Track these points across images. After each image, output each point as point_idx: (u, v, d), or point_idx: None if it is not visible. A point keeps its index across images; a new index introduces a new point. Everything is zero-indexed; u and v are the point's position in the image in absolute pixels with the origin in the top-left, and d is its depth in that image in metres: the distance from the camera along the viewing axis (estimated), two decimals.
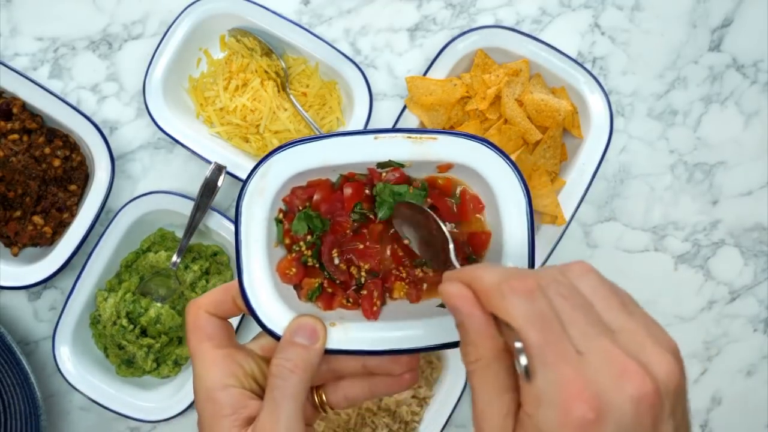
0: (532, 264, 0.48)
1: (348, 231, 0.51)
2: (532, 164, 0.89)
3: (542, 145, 0.89)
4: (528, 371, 0.36)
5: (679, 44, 0.96)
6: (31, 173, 0.88)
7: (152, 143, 0.95)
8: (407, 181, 0.50)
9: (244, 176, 0.89)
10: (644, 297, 0.95)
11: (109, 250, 0.89)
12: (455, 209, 0.51)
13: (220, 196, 0.92)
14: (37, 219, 0.90)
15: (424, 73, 0.90)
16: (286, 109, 0.91)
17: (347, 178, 0.50)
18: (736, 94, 0.96)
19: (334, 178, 0.50)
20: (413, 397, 0.91)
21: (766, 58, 0.96)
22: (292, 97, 0.91)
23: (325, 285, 0.51)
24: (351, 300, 0.51)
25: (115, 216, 0.89)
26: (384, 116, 0.94)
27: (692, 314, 0.97)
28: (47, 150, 0.89)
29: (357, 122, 0.90)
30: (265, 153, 0.90)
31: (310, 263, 0.51)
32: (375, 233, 0.51)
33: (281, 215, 0.50)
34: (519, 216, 0.48)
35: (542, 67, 0.89)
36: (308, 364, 0.46)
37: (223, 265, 0.94)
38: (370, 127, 0.92)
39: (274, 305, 0.48)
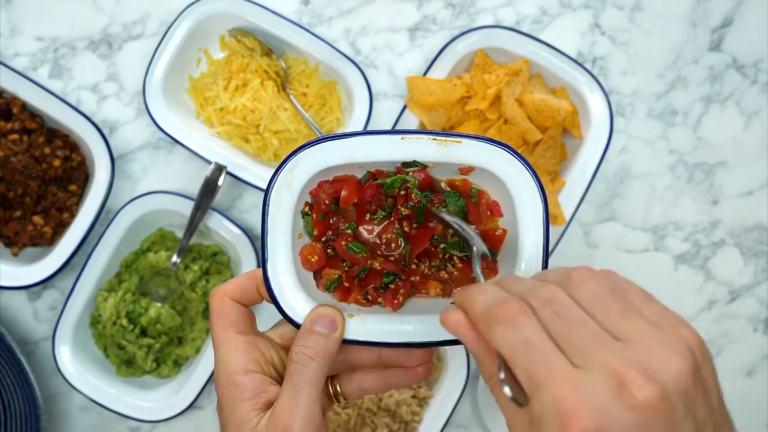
0: (545, 266, 0.50)
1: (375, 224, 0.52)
2: (532, 164, 0.89)
3: (542, 145, 0.89)
4: (517, 400, 0.36)
5: (679, 44, 0.96)
6: (31, 173, 0.88)
7: (152, 143, 0.95)
8: (432, 182, 0.51)
9: (244, 176, 0.89)
10: None
11: (109, 250, 0.89)
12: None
13: (220, 196, 0.92)
14: (37, 219, 0.90)
15: (424, 73, 0.90)
16: (286, 109, 0.91)
17: (374, 175, 0.51)
18: (736, 94, 0.96)
19: (359, 174, 0.52)
20: (413, 397, 0.91)
21: (766, 58, 0.96)
22: (292, 97, 0.91)
23: (343, 278, 0.52)
24: (370, 298, 0.52)
25: (115, 216, 0.89)
26: (384, 116, 0.94)
27: (692, 314, 0.97)
28: (47, 150, 0.89)
29: (357, 122, 0.90)
30: (265, 153, 0.92)
31: (332, 253, 0.52)
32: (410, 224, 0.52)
33: (307, 208, 0.52)
34: (535, 220, 0.49)
35: (542, 67, 0.89)
36: (327, 352, 0.48)
37: (223, 265, 0.94)
38: (371, 127, 0.92)
39: (295, 295, 0.50)
